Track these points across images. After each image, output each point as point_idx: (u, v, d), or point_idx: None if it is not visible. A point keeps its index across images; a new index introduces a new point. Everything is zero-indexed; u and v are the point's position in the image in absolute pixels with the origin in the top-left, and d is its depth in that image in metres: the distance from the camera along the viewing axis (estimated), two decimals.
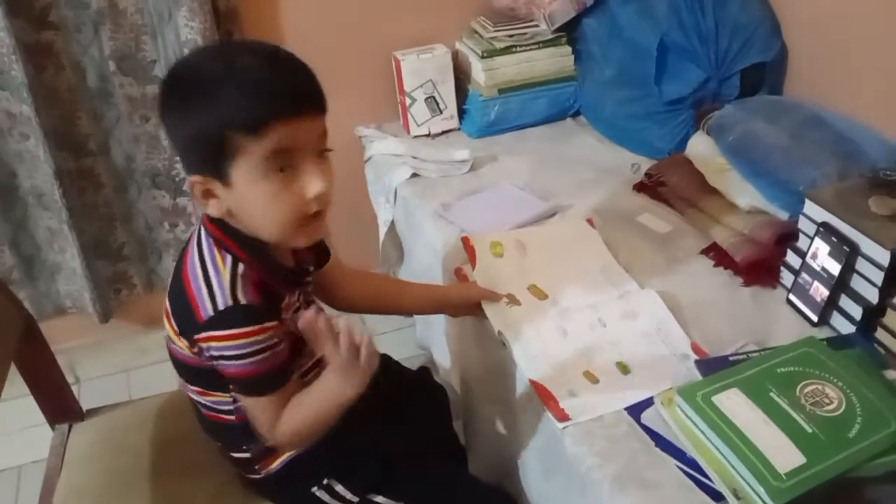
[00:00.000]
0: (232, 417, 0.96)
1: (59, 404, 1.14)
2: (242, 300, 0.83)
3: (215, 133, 0.79)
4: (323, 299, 1.12)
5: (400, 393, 1.18)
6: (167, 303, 0.91)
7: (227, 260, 0.86)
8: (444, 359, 1.43)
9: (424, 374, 1.26)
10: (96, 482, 1.05)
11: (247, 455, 0.99)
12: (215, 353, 0.86)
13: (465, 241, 1.28)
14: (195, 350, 0.89)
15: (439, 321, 1.41)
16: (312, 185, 0.81)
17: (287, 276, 0.93)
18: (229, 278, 0.84)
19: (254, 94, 0.78)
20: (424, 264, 1.46)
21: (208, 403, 0.97)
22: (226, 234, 0.86)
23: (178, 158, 1.66)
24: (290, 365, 0.91)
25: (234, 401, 0.94)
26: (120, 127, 1.59)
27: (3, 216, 1.58)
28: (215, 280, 0.84)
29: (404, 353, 1.47)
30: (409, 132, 1.72)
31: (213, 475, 0.99)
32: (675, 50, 1.50)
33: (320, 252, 1.05)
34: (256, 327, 0.84)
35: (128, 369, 1.80)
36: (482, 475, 1.16)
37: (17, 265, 1.64)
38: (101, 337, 1.77)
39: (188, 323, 0.86)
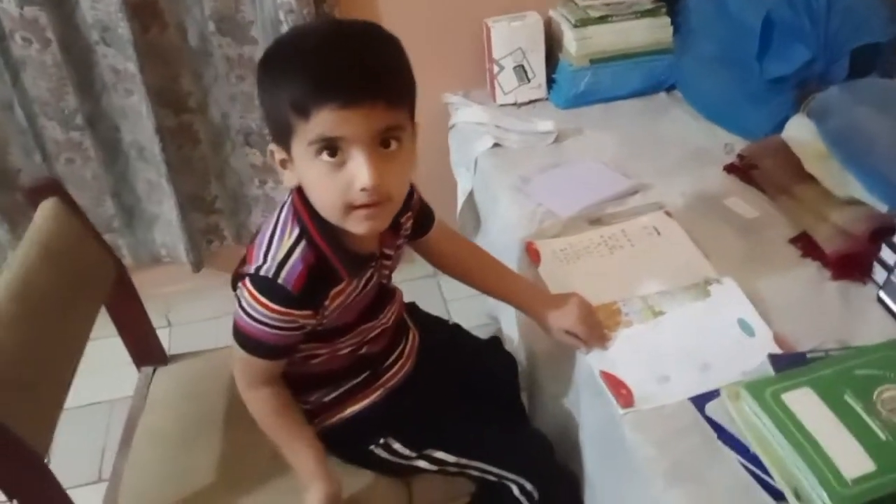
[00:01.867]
0: (290, 370, 0.99)
1: (145, 348, 1.22)
2: (282, 279, 0.86)
3: (277, 109, 0.81)
4: (429, 262, 1.16)
5: (467, 360, 1.20)
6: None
7: (294, 232, 0.88)
8: (512, 330, 1.42)
9: (495, 343, 1.27)
10: (172, 426, 1.12)
11: (307, 407, 1.03)
12: (239, 298, 0.90)
13: (529, 246, 1.25)
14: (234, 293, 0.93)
15: None
16: (359, 177, 0.80)
17: (354, 261, 0.92)
18: (286, 251, 0.87)
19: (307, 79, 0.78)
20: (499, 236, 1.45)
21: None
22: (304, 204, 0.88)
23: None
24: (294, 350, 0.94)
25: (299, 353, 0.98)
26: (217, 86, 1.65)
27: (106, 168, 1.68)
28: (275, 247, 0.88)
29: (473, 322, 1.48)
30: (495, 100, 1.70)
31: None
32: (781, 27, 1.41)
33: (423, 220, 1.07)
34: (280, 308, 0.87)
35: (217, 316, 1.89)
36: None
37: (118, 214, 1.74)
38: (193, 285, 1.86)
39: (242, 260, 0.92)
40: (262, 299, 0.87)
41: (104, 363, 1.26)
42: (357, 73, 0.79)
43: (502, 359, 1.27)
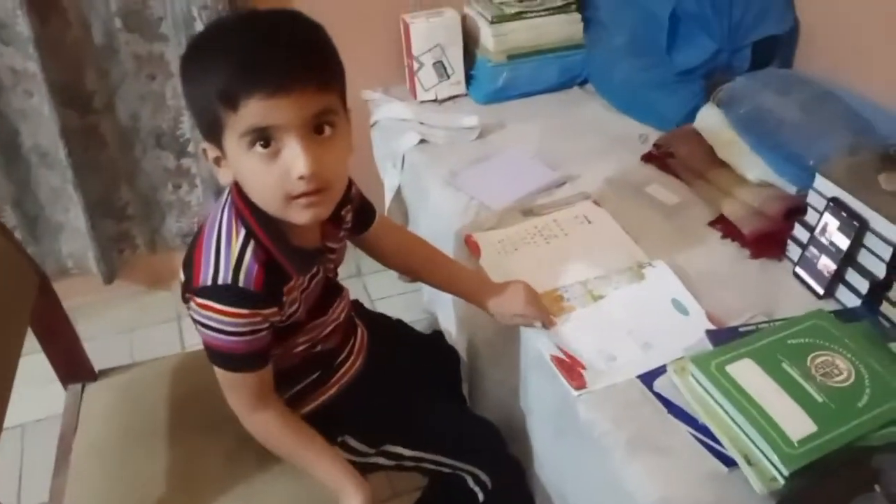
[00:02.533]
0: None
1: (72, 364, 1.15)
2: (241, 282, 0.84)
3: (206, 105, 0.79)
4: (372, 257, 1.14)
5: (412, 355, 1.20)
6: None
7: (240, 234, 0.85)
8: (449, 323, 1.44)
9: (437, 338, 1.27)
10: (114, 439, 1.06)
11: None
12: (199, 319, 0.86)
13: (468, 239, 1.27)
14: (186, 305, 0.89)
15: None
16: (295, 165, 0.78)
17: (300, 258, 0.90)
18: (237, 255, 0.84)
19: (234, 69, 0.76)
20: (432, 230, 1.46)
21: None
22: (246, 204, 0.86)
23: (182, 119, 1.65)
24: (271, 349, 0.91)
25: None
26: (125, 85, 1.57)
27: (6, 175, 1.57)
28: (224, 252, 0.85)
29: (410, 317, 1.48)
30: (416, 97, 1.71)
31: (230, 431, 0.99)
32: (687, 19, 1.50)
33: (364, 216, 1.06)
34: (247, 311, 0.84)
35: (131, 329, 1.81)
36: None
37: (21, 225, 1.63)
38: (103, 297, 1.77)
39: (187, 280, 0.87)
40: (227, 308, 0.83)
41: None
42: (284, 58, 0.77)
43: (446, 352, 1.28)
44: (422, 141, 1.55)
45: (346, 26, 1.65)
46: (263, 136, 0.77)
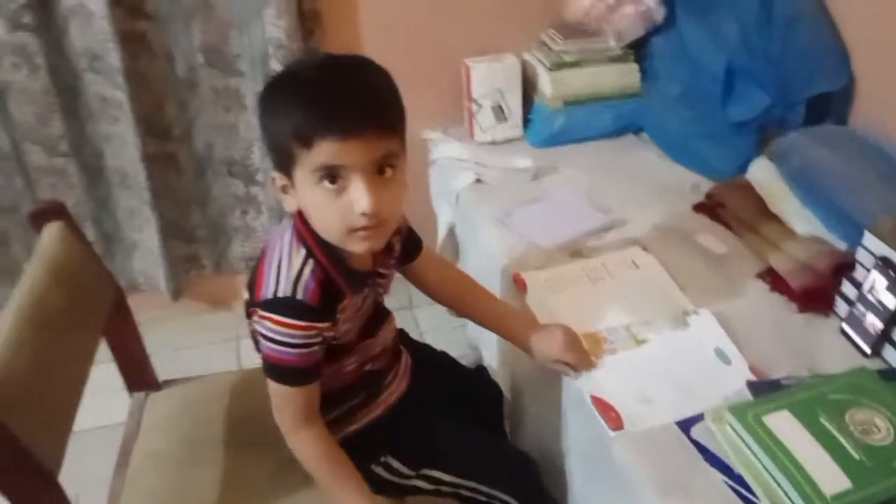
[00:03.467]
0: None
1: (138, 374, 1.23)
2: (300, 296, 0.90)
3: (280, 139, 0.87)
4: (418, 288, 1.19)
5: (455, 384, 1.24)
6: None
7: (300, 253, 0.92)
8: (493, 359, 1.48)
9: (481, 371, 1.31)
10: (170, 448, 1.13)
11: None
12: (260, 329, 0.93)
13: (516, 277, 1.30)
14: (248, 321, 0.97)
15: None
16: (358, 202, 0.85)
17: (354, 278, 0.97)
18: (297, 272, 0.91)
19: (309, 111, 0.83)
20: (481, 267, 1.51)
21: None
22: (307, 228, 0.93)
23: (252, 149, 1.75)
24: (321, 367, 0.97)
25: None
26: (203, 116, 1.68)
27: (87, 193, 1.68)
28: (285, 268, 0.92)
29: (455, 352, 1.52)
30: (473, 138, 1.77)
31: (279, 449, 1.05)
32: (741, 73, 1.52)
33: (411, 247, 1.11)
34: (304, 324, 0.91)
35: (193, 346, 1.89)
36: None
37: (98, 241, 1.74)
38: (169, 313, 1.86)
39: (251, 295, 0.94)
40: (285, 320, 0.90)
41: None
42: (356, 105, 0.85)
43: (489, 388, 1.31)
44: (477, 181, 1.61)
45: (410, 68, 1.73)
46: (332, 174, 0.85)
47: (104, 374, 1.20)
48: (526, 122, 1.78)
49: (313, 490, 1.05)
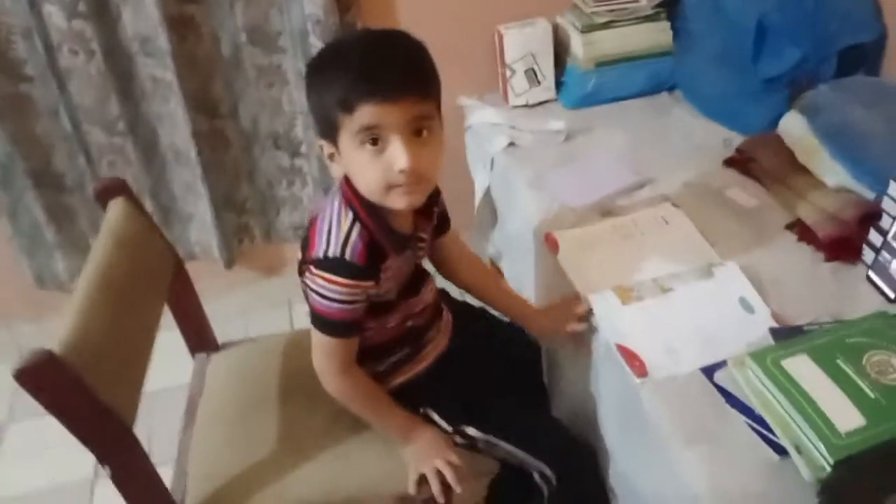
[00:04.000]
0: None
1: (199, 336, 1.33)
2: (348, 256, 0.99)
3: (325, 109, 0.95)
4: (433, 264, 1.26)
5: (495, 342, 1.31)
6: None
7: (349, 217, 1.01)
8: None
9: (520, 328, 1.38)
10: (233, 403, 1.23)
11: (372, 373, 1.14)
12: (310, 284, 1.02)
13: (548, 237, 1.35)
14: (301, 279, 1.06)
15: (529, 284, 1.52)
16: (397, 160, 0.93)
17: (397, 239, 1.05)
18: (345, 234, 1.00)
19: (350, 79, 0.92)
20: (517, 229, 1.57)
21: None
22: (354, 193, 1.01)
23: (296, 122, 1.82)
24: (363, 322, 1.06)
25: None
26: (248, 92, 1.76)
27: (145, 170, 1.78)
28: (335, 231, 1.00)
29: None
30: (508, 102, 1.81)
31: (332, 400, 1.14)
32: (773, 29, 1.53)
33: (442, 222, 1.18)
34: (351, 281, 0.99)
35: (246, 311, 2.00)
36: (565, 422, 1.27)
37: (156, 213, 1.84)
38: (224, 281, 1.97)
39: (303, 255, 1.03)
40: (335, 278, 0.99)
41: None
42: (392, 72, 0.93)
43: (527, 342, 1.38)
44: (511, 144, 1.66)
45: (445, 38, 1.77)
46: (372, 136, 0.93)
47: (168, 340, 1.31)
48: (559, 84, 1.81)
49: (363, 435, 1.15)
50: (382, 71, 0.92)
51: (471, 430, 1.16)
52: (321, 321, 1.03)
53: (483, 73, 1.85)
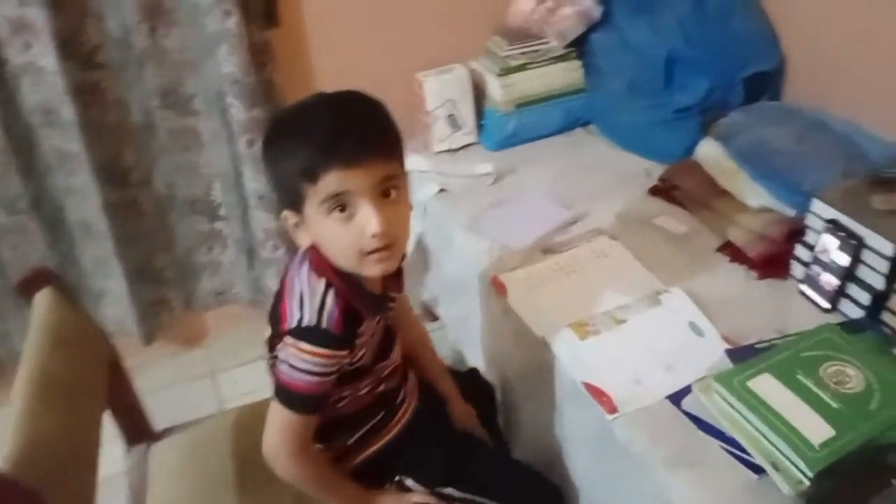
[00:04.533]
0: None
1: (137, 426, 1.23)
2: (324, 324, 0.94)
3: (287, 179, 0.92)
4: None
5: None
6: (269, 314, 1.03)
7: (321, 284, 0.96)
8: (478, 359, 1.52)
9: (474, 374, 1.36)
10: (185, 496, 1.14)
11: (330, 454, 1.09)
12: (283, 357, 0.97)
13: (495, 279, 1.35)
14: (269, 354, 1.01)
15: (474, 327, 1.51)
16: (369, 224, 0.90)
17: (371, 302, 1.01)
18: (319, 301, 0.95)
19: (312, 148, 0.89)
20: (457, 274, 1.56)
21: None
22: (322, 260, 0.97)
23: (214, 185, 1.76)
24: (328, 398, 1.01)
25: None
26: (162, 158, 1.68)
27: (50, 248, 1.66)
28: (308, 299, 0.96)
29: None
30: (431, 149, 1.81)
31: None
32: (681, 61, 1.61)
33: (402, 274, 1.15)
34: (327, 351, 0.95)
35: (170, 386, 1.89)
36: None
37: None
38: (143, 358, 1.84)
39: (275, 329, 0.98)
40: (310, 347, 0.94)
41: None
42: (355, 136, 0.90)
43: (482, 388, 1.36)
44: (441, 190, 1.65)
45: (365, 87, 1.78)
46: (340, 202, 0.90)
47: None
48: (480, 127, 1.84)
49: None
50: (345, 136, 0.89)
51: (447, 491, 1.13)
52: (286, 394, 0.98)
53: (404, 120, 1.82)
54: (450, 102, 1.77)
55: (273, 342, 1.00)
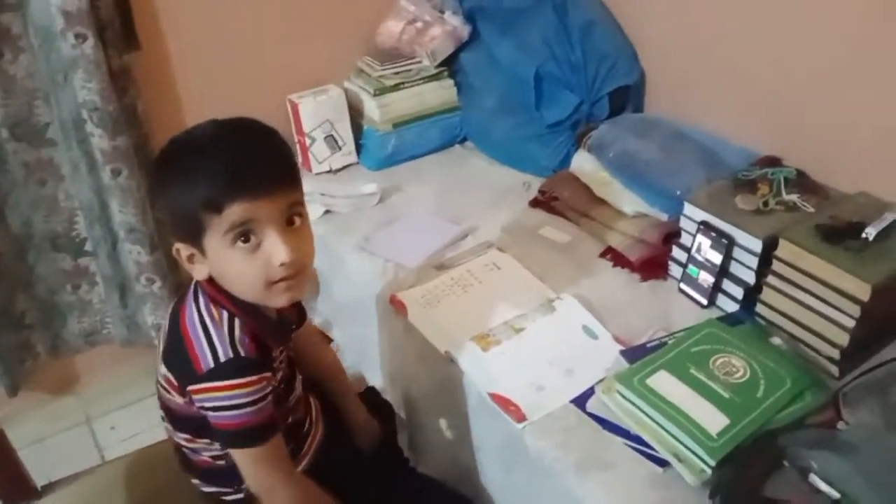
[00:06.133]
0: (222, 462, 1.00)
1: (15, 484, 1.12)
2: (241, 352, 0.90)
3: (186, 212, 0.88)
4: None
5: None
6: (161, 356, 0.97)
7: (223, 315, 0.92)
8: (378, 380, 1.51)
9: (371, 394, 1.35)
10: None
11: (238, 496, 1.04)
12: (210, 405, 0.91)
13: (393, 298, 1.36)
14: (187, 400, 0.94)
15: (372, 347, 1.49)
16: (277, 253, 0.88)
17: (275, 329, 0.99)
18: (227, 332, 0.91)
19: (215, 179, 0.86)
20: (349, 295, 1.54)
21: (200, 448, 1.01)
22: (219, 292, 0.93)
23: (76, 219, 1.63)
24: (278, 410, 0.97)
25: None
26: (16, 193, 1.54)
27: None
28: (215, 334, 0.91)
29: None
30: (311, 170, 1.78)
31: None
32: (549, 78, 1.68)
33: (300, 312, 1.12)
34: (255, 377, 0.91)
35: (42, 439, 1.73)
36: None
37: None
38: (8, 411, 1.69)
39: (185, 374, 0.92)
40: (236, 381, 0.89)
41: None
42: (259, 166, 0.88)
43: (381, 406, 1.35)
44: (326, 211, 1.63)
45: (235, 111, 1.73)
46: (244, 233, 0.87)
47: None
48: (359, 147, 1.83)
49: None
50: (249, 166, 0.87)
51: None
52: (242, 435, 0.92)
53: None
54: (327, 123, 1.75)
55: (184, 392, 0.93)
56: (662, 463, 1.01)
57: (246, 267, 0.88)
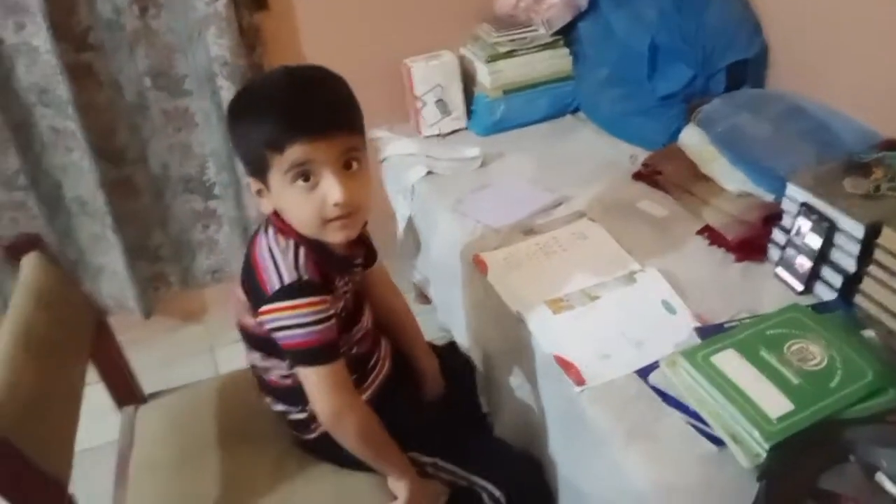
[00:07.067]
0: (289, 381, 1.09)
1: (125, 389, 1.27)
2: (305, 276, 0.98)
3: (254, 150, 0.96)
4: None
5: None
6: (239, 282, 1.06)
7: (290, 243, 1.00)
8: (463, 339, 1.55)
9: (452, 349, 1.39)
10: (167, 456, 1.17)
11: (302, 416, 1.12)
12: (276, 325, 0.99)
13: (476, 258, 1.39)
14: (258, 322, 1.02)
15: (458, 306, 1.54)
16: (332, 194, 0.94)
17: (338, 262, 1.06)
18: (293, 257, 0.99)
19: (278, 120, 0.93)
20: (442, 254, 1.59)
21: (270, 367, 1.10)
22: (286, 224, 1.01)
23: (207, 165, 1.79)
24: (341, 340, 1.04)
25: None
26: (156, 138, 1.72)
27: (49, 224, 1.71)
28: (281, 259, 0.99)
29: (428, 336, 1.60)
30: (421, 133, 1.84)
31: (275, 442, 1.11)
32: (664, 50, 1.63)
33: (369, 254, 1.18)
34: (317, 298, 0.98)
35: (169, 361, 1.93)
36: (508, 440, 1.29)
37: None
38: (142, 332, 1.89)
39: (255, 297, 1.00)
40: (300, 301, 0.97)
41: None
42: (320, 108, 0.94)
43: (460, 361, 1.40)
44: (429, 173, 1.68)
45: (353, 73, 1.77)
46: (304, 172, 0.94)
47: (93, 395, 1.25)
48: (469, 113, 1.86)
49: (312, 479, 1.12)
50: (310, 108, 0.93)
51: (414, 454, 1.15)
52: (308, 354, 0.99)
53: (393, 105, 1.88)
54: (438, 87, 1.79)
55: (256, 315, 1.01)
56: (718, 442, 0.98)
57: (303, 203, 0.95)
